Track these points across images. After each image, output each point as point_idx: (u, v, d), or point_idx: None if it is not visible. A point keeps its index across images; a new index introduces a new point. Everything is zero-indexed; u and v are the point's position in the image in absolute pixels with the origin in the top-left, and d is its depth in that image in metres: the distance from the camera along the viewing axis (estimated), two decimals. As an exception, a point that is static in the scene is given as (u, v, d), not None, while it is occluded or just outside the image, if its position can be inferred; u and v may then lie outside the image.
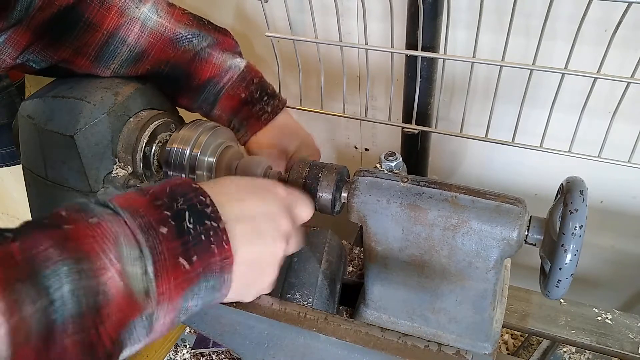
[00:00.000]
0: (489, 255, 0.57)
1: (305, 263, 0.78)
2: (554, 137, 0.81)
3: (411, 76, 0.86)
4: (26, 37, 0.62)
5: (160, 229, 0.38)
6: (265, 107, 0.72)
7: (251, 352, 0.60)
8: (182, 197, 0.41)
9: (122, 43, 0.65)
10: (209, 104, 0.72)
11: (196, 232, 0.40)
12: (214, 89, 0.71)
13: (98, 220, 0.36)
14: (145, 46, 0.66)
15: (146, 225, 0.38)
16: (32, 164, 0.67)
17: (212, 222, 0.41)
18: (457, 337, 0.67)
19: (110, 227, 0.36)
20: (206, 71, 0.69)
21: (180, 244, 0.39)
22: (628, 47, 0.76)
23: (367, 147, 1.19)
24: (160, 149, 0.67)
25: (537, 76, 0.77)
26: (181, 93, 0.71)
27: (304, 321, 0.57)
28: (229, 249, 0.42)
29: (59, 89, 0.65)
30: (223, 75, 0.70)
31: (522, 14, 0.79)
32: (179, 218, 0.40)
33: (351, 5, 0.94)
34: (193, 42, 0.68)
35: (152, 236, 0.38)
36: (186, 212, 0.40)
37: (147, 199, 0.40)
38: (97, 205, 0.38)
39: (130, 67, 0.67)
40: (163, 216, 0.39)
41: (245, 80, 0.71)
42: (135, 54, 0.66)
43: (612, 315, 0.81)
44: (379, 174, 0.61)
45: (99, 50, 0.65)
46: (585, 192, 0.51)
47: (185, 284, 0.39)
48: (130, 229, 0.37)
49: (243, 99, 0.71)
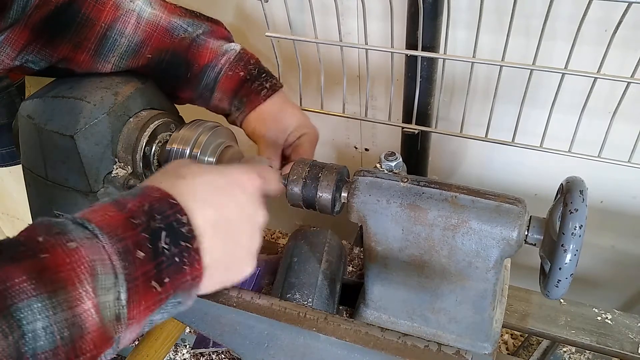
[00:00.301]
0: (488, 255, 0.57)
1: (305, 263, 0.78)
2: (554, 137, 0.81)
3: (411, 76, 0.86)
4: (24, 36, 0.62)
5: (137, 253, 0.38)
6: (264, 83, 0.72)
7: (251, 352, 0.60)
8: (159, 215, 0.40)
9: (121, 35, 0.66)
10: (209, 89, 0.71)
11: (171, 253, 0.40)
12: (213, 73, 0.70)
13: (77, 246, 0.36)
14: (143, 37, 0.67)
15: (124, 250, 0.37)
16: (32, 164, 0.67)
17: (187, 243, 0.41)
18: (457, 337, 0.67)
19: (88, 254, 0.36)
20: (204, 57, 0.70)
21: (154, 266, 0.39)
22: (628, 47, 0.75)
23: (367, 147, 1.19)
24: (160, 149, 0.67)
25: (537, 76, 0.77)
26: (182, 84, 0.71)
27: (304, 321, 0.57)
28: (200, 267, 0.42)
29: (59, 89, 0.65)
30: (220, 58, 0.70)
31: (522, 14, 0.79)
32: (156, 239, 0.39)
33: (351, 5, 0.94)
34: (188, 31, 0.69)
35: (129, 262, 0.37)
36: (163, 231, 0.40)
37: (124, 216, 0.39)
38: (76, 226, 0.37)
39: (130, 59, 0.68)
40: (140, 238, 0.39)
41: (243, 60, 0.71)
42: (134, 45, 0.67)
43: (612, 315, 0.81)
44: (379, 174, 0.61)
45: (98, 44, 0.65)
46: (585, 192, 0.51)
47: (154, 306, 0.39)
48: (108, 255, 0.37)
49: (242, 78, 0.71)
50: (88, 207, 0.40)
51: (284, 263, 0.80)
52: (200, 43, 0.70)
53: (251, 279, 0.86)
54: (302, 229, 0.85)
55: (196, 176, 0.46)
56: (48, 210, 0.70)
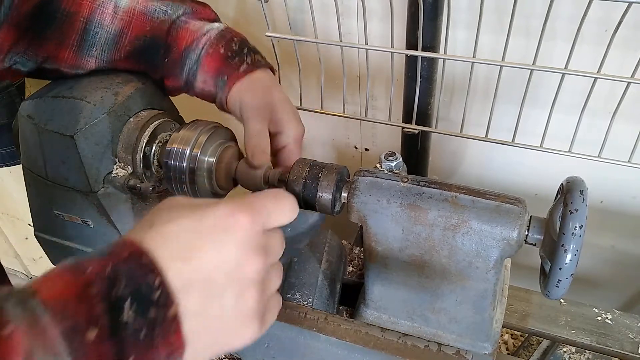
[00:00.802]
0: (489, 255, 0.57)
1: (305, 263, 0.78)
2: (554, 137, 0.81)
3: (411, 76, 0.86)
4: (9, 36, 0.62)
5: (88, 333, 0.32)
6: (245, 58, 0.67)
7: (251, 352, 0.60)
8: (126, 279, 0.33)
9: (100, 27, 0.64)
10: (193, 74, 0.67)
11: (137, 326, 0.33)
12: (194, 55, 0.66)
13: (12, 331, 0.29)
14: (121, 25, 0.65)
15: (72, 330, 0.31)
16: (32, 164, 0.67)
17: (159, 310, 0.34)
18: (457, 337, 0.67)
19: (24, 341, 0.30)
20: (183, 39, 0.65)
21: (114, 344, 0.32)
22: (628, 47, 0.75)
23: (367, 147, 1.19)
24: (160, 149, 0.67)
25: (537, 76, 0.77)
26: (166, 72, 0.68)
27: (304, 321, 0.57)
28: (179, 338, 0.35)
29: (59, 89, 0.65)
30: (201, 38, 0.66)
31: (522, 14, 0.79)
32: (116, 310, 0.33)
33: (351, 5, 0.94)
34: (168, 13, 0.66)
35: (76, 342, 0.31)
36: (126, 300, 0.33)
37: (80, 284, 0.33)
38: (16, 303, 0.31)
39: (111, 50, 0.66)
40: (95, 312, 0.32)
41: (225, 38, 0.66)
42: (113, 35, 0.65)
43: (612, 315, 0.81)
44: (379, 174, 0.61)
45: (80, 39, 0.64)
46: (585, 192, 0.51)
47: None
48: (50, 338, 0.31)
49: (223, 55, 0.65)
50: (45, 273, 0.34)
51: (284, 263, 0.80)
52: (180, 25, 0.66)
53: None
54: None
55: (169, 222, 0.37)
56: (48, 210, 0.70)
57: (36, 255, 2.06)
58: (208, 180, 0.66)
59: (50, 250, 0.76)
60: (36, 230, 0.74)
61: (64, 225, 0.70)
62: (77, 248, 0.71)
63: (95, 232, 0.68)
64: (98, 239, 0.69)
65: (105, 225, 0.67)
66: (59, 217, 0.69)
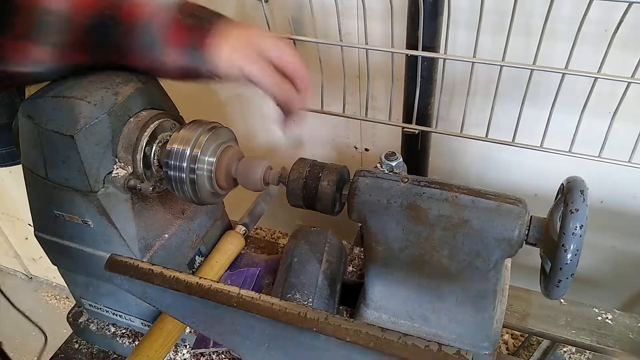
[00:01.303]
0: (489, 255, 0.57)
1: (305, 263, 0.78)
2: (554, 137, 0.81)
3: (411, 76, 0.86)
4: None
5: None
6: (212, 19, 0.64)
7: (251, 352, 0.60)
8: None
9: (47, 13, 0.60)
10: (158, 50, 0.62)
11: None
12: (154, 28, 0.62)
13: None
14: (68, 6, 0.61)
15: None
16: (32, 164, 0.67)
17: None
18: (458, 337, 0.67)
19: None
20: (137, 11, 0.61)
21: None
22: (628, 47, 0.75)
23: (367, 147, 1.19)
24: (160, 149, 0.67)
25: (538, 76, 0.77)
26: (125, 50, 0.64)
27: (305, 321, 0.57)
28: None
29: (59, 89, 0.65)
30: (159, 11, 0.62)
31: (523, 14, 0.79)
32: None
33: (351, 5, 0.94)
34: None
35: None
36: None
37: None
38: None
39: (68, 34, 0.61)
40: None
41: (183, 9, 0.63)
42: (63, 19, 0.61)
43: (612, 315, 0.81)
44: (379, 174, 0.61)
45: (33, 29, 0.60)
46: (585, 192, 0.51)
47: None
48: None
49: (187, 25, 0.62)
50: None
51: (284, 263, 0.80)
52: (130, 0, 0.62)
53: (251, 279, 0.86)
54: (302, 229, 0.85)
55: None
56: (48, 210, 0.70)
57: (36, 255, 2.06)
58: (208, 180, 0.66)
59: (50, 250, 0.75)
60: (36, 230, 0.74)
61: (64, 225, 0.70)
62: (77, 248, 0.71)
63: (95, 232, 0.68)
64: (98, 239, 0.69)
65: (105, 225, 0.67)
66: (59, 217, 0.69)
